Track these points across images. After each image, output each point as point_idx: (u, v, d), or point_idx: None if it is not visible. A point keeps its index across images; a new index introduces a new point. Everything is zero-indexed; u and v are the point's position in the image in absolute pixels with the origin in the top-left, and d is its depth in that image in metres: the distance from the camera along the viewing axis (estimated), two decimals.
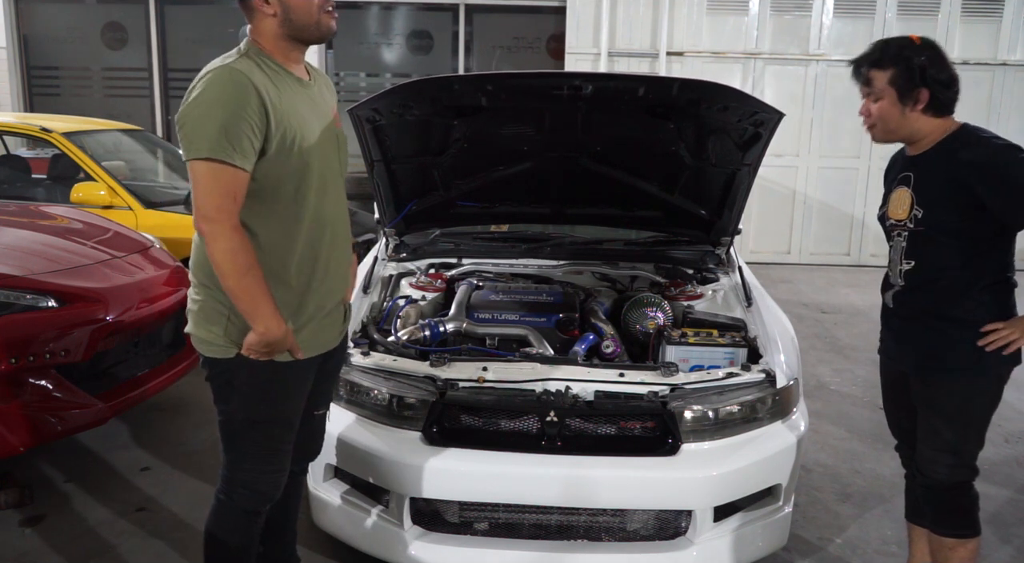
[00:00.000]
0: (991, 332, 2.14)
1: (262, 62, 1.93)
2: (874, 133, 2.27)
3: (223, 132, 1.80)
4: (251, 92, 1.84)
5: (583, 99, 2.84)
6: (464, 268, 3.46)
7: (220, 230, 1.84)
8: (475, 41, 8.67)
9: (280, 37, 1.97)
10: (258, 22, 1.97)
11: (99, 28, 8.78)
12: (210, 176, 1.82)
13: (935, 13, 7.91)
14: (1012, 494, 3.41)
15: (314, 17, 1.97)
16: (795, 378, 2.62)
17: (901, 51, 2.15)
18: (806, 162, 8.20)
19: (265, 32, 1.97)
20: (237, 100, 1.83)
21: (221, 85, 1.84)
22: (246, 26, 2.01)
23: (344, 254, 2.17)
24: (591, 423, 2.43)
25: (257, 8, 1.95)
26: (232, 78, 1.84)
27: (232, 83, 1.84)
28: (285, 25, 1.95)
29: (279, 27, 1.95)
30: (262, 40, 1.97)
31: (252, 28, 1.99)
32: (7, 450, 2.86)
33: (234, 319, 1.96)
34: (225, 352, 1.99)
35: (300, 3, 1.95)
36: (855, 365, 5.06)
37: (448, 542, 2.44)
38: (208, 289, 1.99)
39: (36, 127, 5.19)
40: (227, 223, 1.85)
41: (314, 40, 2.02)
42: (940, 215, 2.14)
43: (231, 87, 1.83)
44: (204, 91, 1.83)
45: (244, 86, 1.84)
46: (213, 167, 1.82)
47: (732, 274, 3.34)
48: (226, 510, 2.14)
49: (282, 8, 1.94)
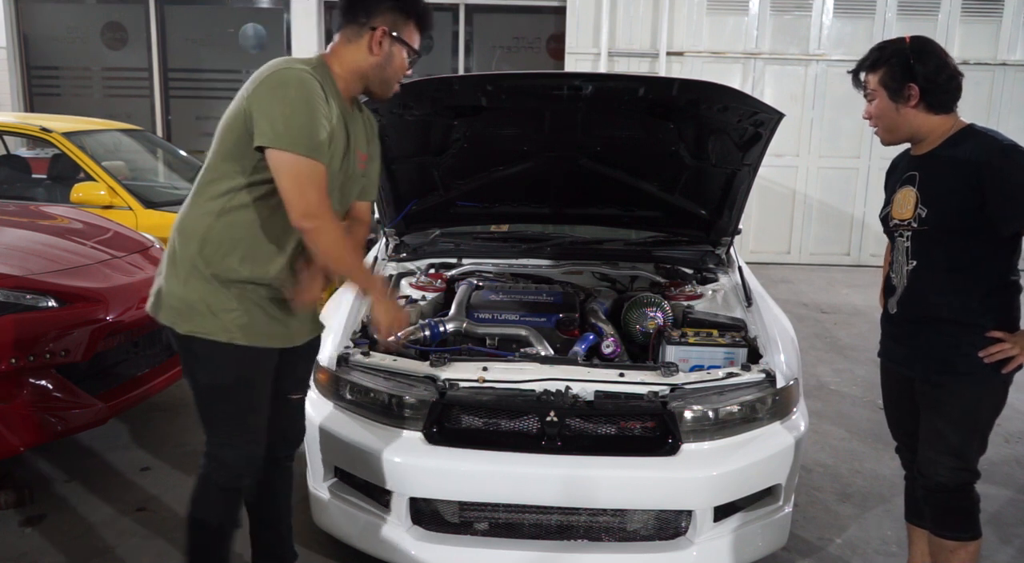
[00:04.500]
0: (993, 344, 2.13)
1: (326, 82, 2.00)
2: (880, 135, 2.27)
3: (315, 132, 1.91)
4: (324, 100, 1.95)
5: (583, 99, 2.85)
6: (464, 268, 3.46)
7: (325, 223, 1.94)
8: (475, 41, 8.67)
9: (359, 75, 2.07)
10: (354, 53, 2.05)
11: (99, 28, 8.78)
12: (309, 173, 1.91)
13: (935, 13, 7.91)
14: (1012, 494, 3.41)
15: (393, 80, 2.12)
16: (795, 378, 2.62)
17: (891, 51, 2.17)
18: (806, 162, 8.20)
19: (350, 63, 2.06)
20: (321, 104, 1.93)
21: (309, 87, 1.91)
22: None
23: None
24: (591, 423, 2.43)
25: (366, 44, 2.04)
26: (314, 84, 1.93)
27: (315, 88, 1.93)
28: (375, 70, 2.07)
29: (369, 69, 2.06)
30: (339, 66, 2.06)
31: (338, 52, 2.06)
32: (7, 450, 2.86)
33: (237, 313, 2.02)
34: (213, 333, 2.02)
35: (398, 65, 2.10)
36: (855, 365, 5.06)
37: (448, 542, 2.44)
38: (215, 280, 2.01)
39: (36, 127, 5.19)
40: (329, 215, 1.96)
41: (375, 94, 2.14)
42: (944, 214, 2.14)
43: (315, 91, 1.92)
44: (291, 87, 1.90)
45: (321, 94, 1.94)
46: (308, 164, 1.90)
47: (732, 274, 3.34)
48: (204, 487, 2.18)
49: (385, 59, 2.06)
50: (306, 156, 1.90)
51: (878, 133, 2.27)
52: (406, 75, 2.15)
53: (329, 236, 1.96)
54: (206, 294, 2.01)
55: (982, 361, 2.14)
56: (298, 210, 1.92)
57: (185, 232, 2.04)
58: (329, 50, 2.09)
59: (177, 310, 2.04)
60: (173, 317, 2.04)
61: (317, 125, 1.91)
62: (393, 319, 2.14)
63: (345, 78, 2.06)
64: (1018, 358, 2.13)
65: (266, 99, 1.91)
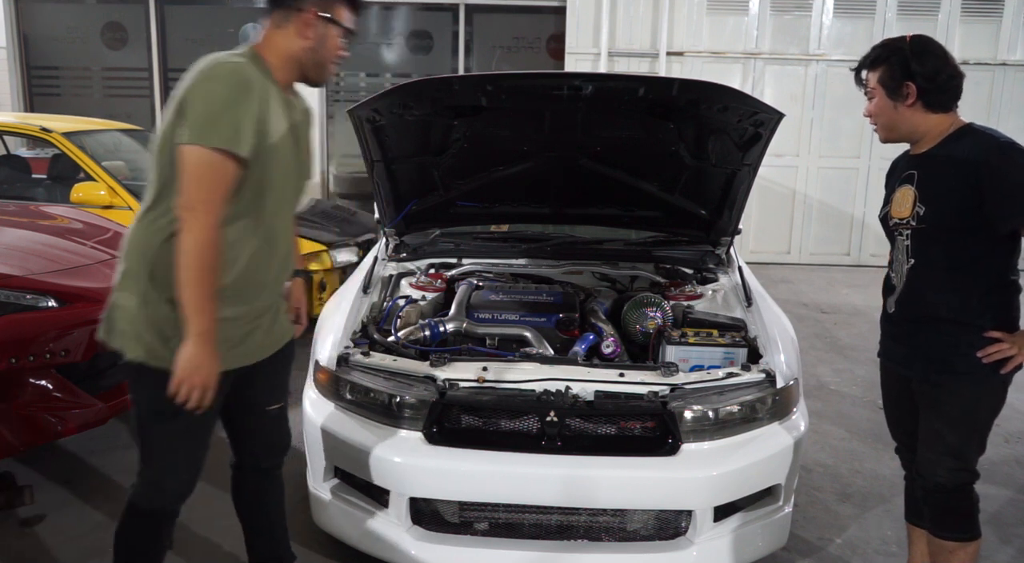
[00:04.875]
0: (992, 343, 2.13)
1: (261, 74, 1.94)
2: (878, 133, 2.28)
3: (235, 126, 1.82)
4: (256, 94, 1.87)
5: (583, 99, 2.84)
6: (464, 268, 3.46)
7: (202, 221, 1.82)
8: (475, 41, 8.67)
9: (293, 62, 2.00)
10: (284, 38, 1.98)
11: (99, 28, 8.78)
12: (209, 165, 1.81)
13: (935, 13, 7.91)
14: (1012, 494, 3.41)
15: (329, 63, 2.04)
16: (795, 378, 2.62)
17: (891, 49, 2.17)
18: (806, 162, 8.20)
19: (281, 51, 1.98)
20: (248, 98, 1.85)
21: (236, 80, 1.85)
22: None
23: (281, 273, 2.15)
24: (591, 423, 2.43)
25: (296, 28, 1.96)
26: (245, 76, 1.87)
27: (246, 79, 1.86)
28: (307, 55, 1.99)
29: (301, 53, 1.98)
30: (271, 56, 1.98)
31: (268, 39, 1.99)
32: (7, 450, 2.86)
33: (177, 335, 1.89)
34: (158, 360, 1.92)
35: (332, 47, 2.01)
36: (855, 365, 5.06)
37: (448, 542, 2.44)
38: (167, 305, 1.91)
39: (36, 127, 5.20)
40: (211, 215, 1.83)
41: (311, 80, 2.06)
42: (942, 212, 2.14)
43: (246, 83, 1.86)
44: (219, 82, 1.84)
45: (252, 87, 1.87)
46: (215, 157, 1.81)
47: (732, 274, 3.34)
48: (136, 512, 2.11)
49: (318, 42, 1.98)
50: (213, 148, 1.80)
51: (877, 131, 2.28)
52: (342, 56, 2.06)
53: (197, 236, 1.82)
54: (157, 320, 1.92)
55: (981, 361, 2.14)
56: (183, 197, 1.83)
57: (132, 256, 1.97)
58: (260, 39, 2.01)
59: (128, 335, 1.95)
60: (124, 342, 1.96)
61: (239, 119, 1.82)
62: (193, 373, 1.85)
63: (280, 67, 1.99)
64: (1017, 358, 2.13)
65: (190, 97, 1.83)
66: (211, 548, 2.82)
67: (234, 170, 1.85)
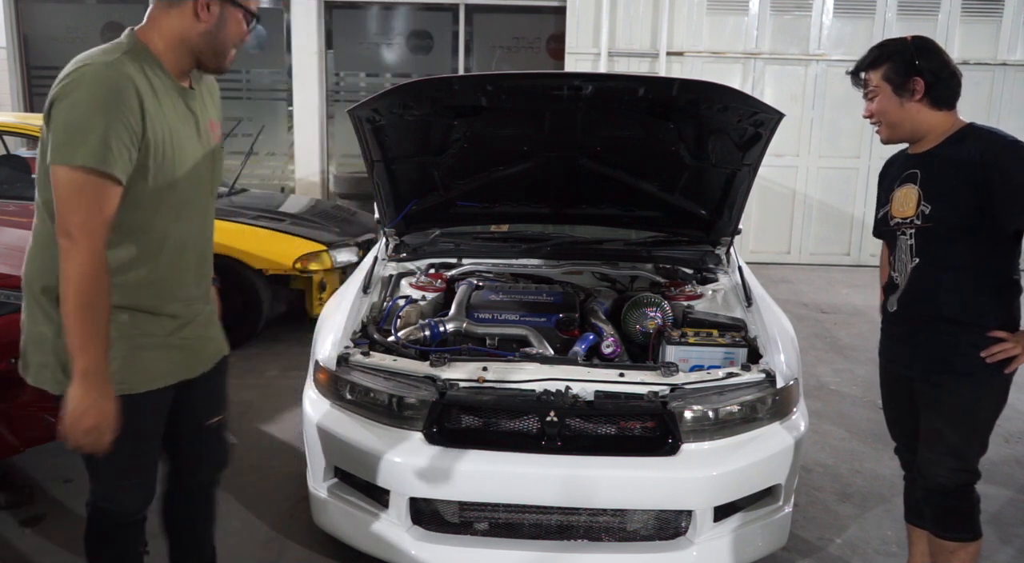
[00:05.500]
0: (994, 343, 2.13)
1: (146, 65, 1.75)
2: (881, 132, 2.27)
3: (103, 140, 1.62)
4: (132, 93, 1.68)
5: (583, 99, 2.84)
6: (464, 268, 3.46)
7: (82, 248, 1.63)
8: (475, 41, 8.67)
9: (186, 47, 1.80)
10: (176, 20, 1.77)
11: (99, 28, 8.77)
12: (80, 187, 1.63)
13: (935, 13, 7.91)
14: (1012, 494, 3.41)
15: (229, 46, 1.85)
16: (795, 378, 2.62)
17: (893, 48, 2.18)
18: (806, 162, 8.20)
19: (171, 35, 1.78)
20: (120, 105, 1.65)
21: (106, 86, 1.65)
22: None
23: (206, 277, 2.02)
24: (591, 423, 2.43)
25: (191, 9, 1.76)
26: (117, 79, 1.66)
27: (116, 85, 1.66)
28: (204, 39, 1.79)
29: (196, 38, 1.79)
30: (159, 41, 1.78)
31: (156, 22, 1.79)
32: (7, 450, 2.86)
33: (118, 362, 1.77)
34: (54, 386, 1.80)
35: (233, 31, 1.83)
36: (855, 365, 5.06)
37: (448, 542, 2.44)
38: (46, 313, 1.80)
39: (36, 127, 5.20)
40: (92, 241, 1.64)
41: (208, 66, 1.87)
42: (947, 210, 2.14)
43: (115, 90, 1.65)
44: (84, 90, 1.64)
45: (128, 90, 1.67)
46: (86, 178, 1.62)
47: (732, 274, 3.34)
48: (94, 522, 2.03)
49: (217, 25, 1.79)
50: (80, 168, 1.61)
51: (879, 131, 2.27)
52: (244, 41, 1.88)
53: (77, 266, 1.62)
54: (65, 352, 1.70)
55: (982, 361, 2.14)
56: (59, 223, 1.64)
57: (36, 280, 1.81)
58: (146, 21, 1.80)
59: (47, 368, 1.81)
60: (45, 378, 1.82)
61: (106, 132, 1.62)
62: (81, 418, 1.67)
63: (170, 54, 1.79)
64: (1020, 358, 2.13)
65: (55, 110, 1.65)
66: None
67: (111, 188, 1.65)
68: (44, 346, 1.81)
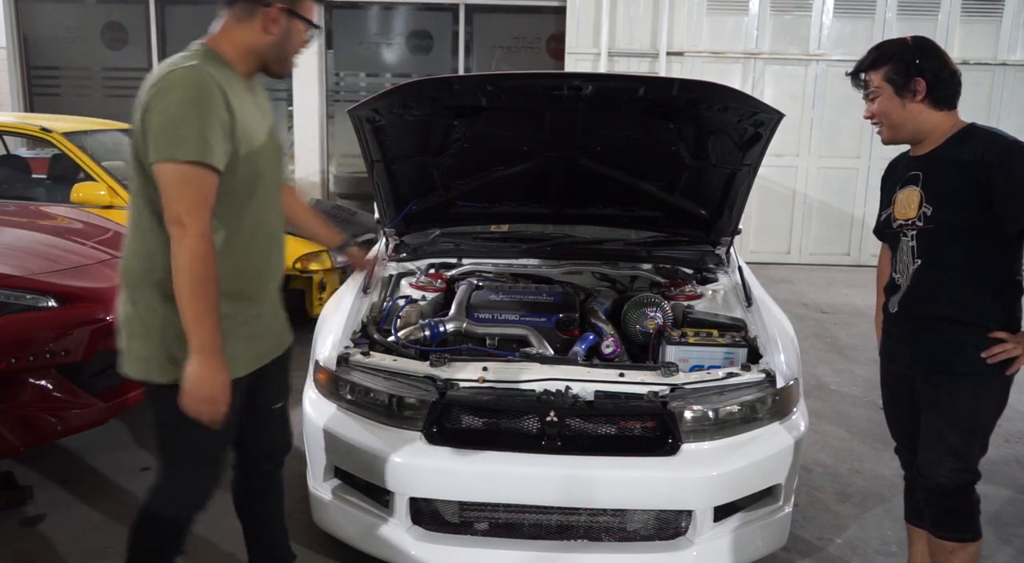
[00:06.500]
0: (995, 344, 2.13)
1: (221, 68, 1.91)
2: (882, 133, 2.26)
3: (201, 135, 1.78)
4: (218, 92, 1.83)
5: (583, 99, 2.85)
6: (464, 268, 3.46)
7: (192, 233, 1.79)
8: (475, 41, 8.67)
9: (254, 55, 1.97)
10: (246, 33, 1.94)
11: (99, 28, 8.78)
12: (185, 179, 1.78)
13: (935, 13, 7.91)
14: (1012, 494, 3.41)
15: (291, 55, 2.02)
16: (795, 378, 2.62)
17: (893, 49, 2.18)
18: (806, 162, 8.20)
19: (243, 45, 1.95)
20: (210, 101, 1.80)
21: (194, 86, 1.80)
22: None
23: (281, 266, 2.17)
24: (591, 423, 2.43)
25: (260, 23, 1.93)
26: (203, 79, 1.82)
27: (203, 85, 1.81)
28: (272, 49, 1.97)
29: (265, 48, 1.96)
30: (230, 49, 1.95)
31: (228, 33, 1.95)
32: (7, 450, 2.86)
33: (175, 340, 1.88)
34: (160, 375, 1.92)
35: (297, 41, 2.01)
36: (855, 365, 5.06)
37: (448, 542, 2.44)
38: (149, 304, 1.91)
39: (36, 127, 5.20)
40: (200, 226, 1.80)
41: (272, 72, 2.03)
42: (949, 211, 2.14)
43: (203, 89, 1.80)
44: (175, 92, 1.79)
45: (213, 88, 1.82)
46: (189, 170, 1.78)
47: (732, 274, 3.34)
48: (151, 520, 2.09)
49: (283, 37, 1.97)
50: (183, 162, 1.77)
51: (880, 132, 2.27)
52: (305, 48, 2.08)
53: (189, 249, 1.78)
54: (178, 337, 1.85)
55: (983, 361, 2.14)
56: (167, 213, 1.79)
57: (137, 277, 1.93)
58: (217, 32, 1.96)
59: (154, 361, 1.93)
60: (151, 369, 1.94)
61: (203, 127, 1.78)
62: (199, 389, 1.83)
63: (242, 61, 1.96)
64: (1021, 359, 2.13)
65: (152, 115, 1.80)
66: (210, 548, 2.82)
67: (211, 178, 1.81)
68: (150, 338, 1.92)
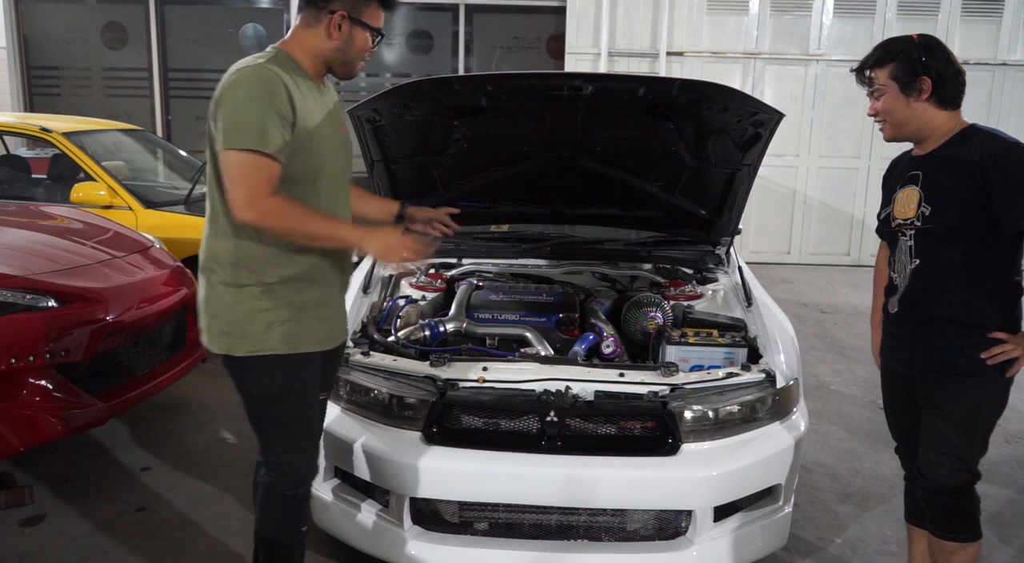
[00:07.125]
0: (995, 345, 2.13)
1: (291, 68, 2.03)
2: (885, 131, 2.26)
3: (261, 126, 1.90)
4: (282, 88, 1.95)
5: (583, 99, 2.84)
6: (464, 268, 3.46)
7: (261, 209, 1.92)
8: (475, 41, 8.67)
9: (320, 58, 2.09)
10: (313, 37, 2.06)
11: (99, 28, 8.77)
12: (247, 165, 1.91)
13: (935, 13, 7.91)
14: (1012, 494, 3.41)
15: (356, 61, 2.13)
16: (795, 378, 2.62)
17: (900, 46, 2.17)
18: (806, 162, 8.20)
19: (311, 48, 2.07)
20: (273, 96, 1.93)
21: (260, 82, 1.93)
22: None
23: (349, 258, 2.27)
24: (591, 423, 2.42)
25: (325, 28, 2.04)
26: (267, 75, 1.95)
27: (267, 80, 1.94)
28: (336, 53, 2.08)
29: (329, 52, 2.08)
30: (298, 52, 2.07)
31: (297, 36, 2.07)
32: (7, 450, 2.86)
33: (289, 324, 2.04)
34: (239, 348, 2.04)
35: (360, 47, 2.11)
36: (855, 365, 5.06)
37: (448, 542, 2.44)
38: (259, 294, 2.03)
39: (36, 127, 5.19)
40: (264, 200, 1.92)
41: (339, 75, 2.16)
42: (947, 212, 2.14)
43: (267, 83, 1.93)
44: (243, 87, 1.93)
45: (278, 85, 1.94)
46: (250, 157, 1.91)
47: (732, 274, 3.34)
48: (268, 498, 2.21)
49: (345, 42, 2.07)
50: (243, 150, 1.90)
51: (883, 129, 2.26)
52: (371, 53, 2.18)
53: (277, 217, 1.94)
54: (253, 312, 2.02)
55: (983, 362, 2.14)
56: (234, 203, 1.92)
57: (214, 259, 2.06)
58: (289, 36, 2.10)
59: (230, 336, 2.04)
60: (231, 343, 2.05)
61: (262, 119, 1.91)
62: (388, 246, 2.07)
63: (310, 63, 2.08)
64: (1020, 360, 2.13)
65: (221, 109, 1.94)
66: (217, 547, 2.82)
67: (270, 165, 1.93)
68: (223, 315, 2.05)
